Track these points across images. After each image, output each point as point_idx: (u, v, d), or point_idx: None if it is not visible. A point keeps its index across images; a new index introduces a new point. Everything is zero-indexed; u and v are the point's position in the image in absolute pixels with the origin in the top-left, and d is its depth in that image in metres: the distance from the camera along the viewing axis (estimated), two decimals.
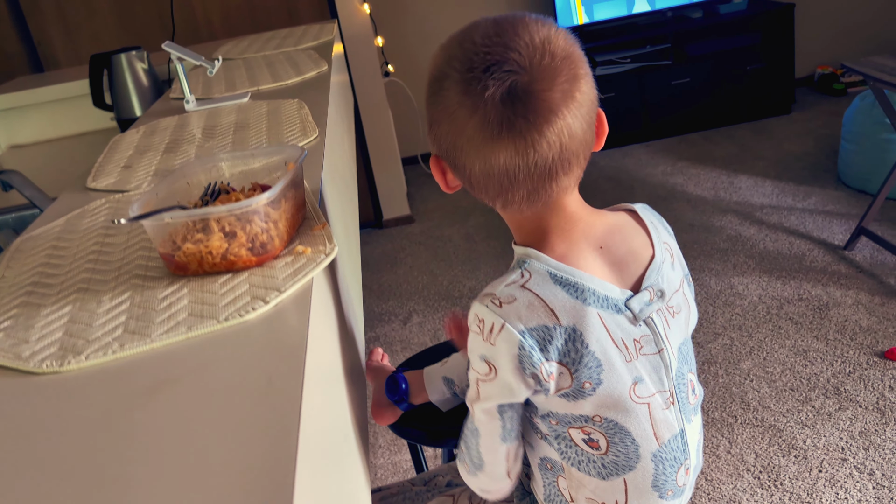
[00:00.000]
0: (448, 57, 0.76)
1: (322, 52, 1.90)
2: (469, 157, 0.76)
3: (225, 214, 0.73)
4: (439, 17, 4.10)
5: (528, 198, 0.78)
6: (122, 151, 1.28)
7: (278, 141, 1.14)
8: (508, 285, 0.78)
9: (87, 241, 0.90)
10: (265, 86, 1.61)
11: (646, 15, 4.05)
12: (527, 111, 0.72)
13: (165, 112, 1.55)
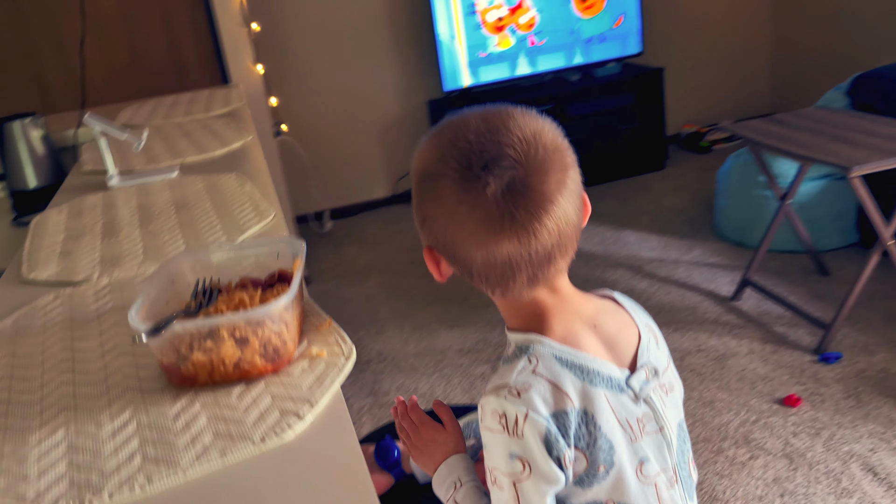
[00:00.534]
0: (442, 155, 0.77)
1: (237, 119, 1.84)
2: (471, 250, 0.76)
3: (240, 321, 0.68)
4: (332, 76, 4.10)
5: (528, 283, 0.79)
6: (51, 236, 1.18)
7: (231, 222, 1.09)
8: (520, 373, 0.78)
9: (51, 346, 0.82)
10: (190, 158, 1.54)
11: (528, 77, 4.20)
12: (527, 203, 0.74)
13: (84, 188, 1.45)
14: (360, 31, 4.12)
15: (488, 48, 4.08)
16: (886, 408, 2.25)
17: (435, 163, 0.77)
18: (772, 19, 4.75)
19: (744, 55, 4.77)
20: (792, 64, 4.69)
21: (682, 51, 4.61)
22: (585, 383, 0.78)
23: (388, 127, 4.30)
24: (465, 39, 4.03)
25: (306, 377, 0.70)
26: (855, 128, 2.61)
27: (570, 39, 4.18)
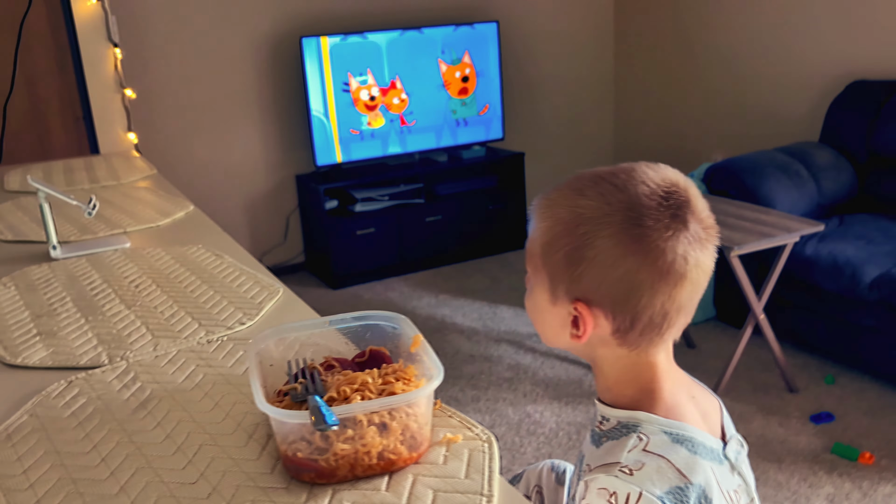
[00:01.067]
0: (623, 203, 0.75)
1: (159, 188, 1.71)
2: (654, 296, 0.74)
3: (386, 407, 0.61)
4: (203, 146, 3.93)
5: (671, 334, 0.79)
6: (12, 314, 1.01)
7: (237, 297, 0.99)
8: (631, 451, 0.76)
9: (104, 440, 0.69)
10: (131, 228, 1.40)
11: (396, 156, 4.26)
12: (700, 254, 0.75)
13: (16, 259, 1.26)
14: (232, 102, 4.02)
15: (361, 126, 4.10)
16: (772, 472, 2.41)
17: (617, 210, 0.74)
18: (613, 113, 5.16)
19: (589, 144, 5.12)
20: (631, 153, 5.09)
21: (536, 137, 4.88)
22: (696, 457, 0.77)
23: (254, 200, 4.17)
24: (337, 116, 4.03)
25: (455, 464, 0.64)
26: (723, 212, 2.86)
27: (440, 122, 4.30)
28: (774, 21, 3.97)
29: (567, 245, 0.75)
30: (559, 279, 0.77)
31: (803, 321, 3.01)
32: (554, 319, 0.78)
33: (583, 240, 0.74)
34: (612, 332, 0.77)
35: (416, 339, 0.76)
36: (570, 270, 0.75)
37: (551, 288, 0.78)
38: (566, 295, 0.77)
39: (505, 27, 4.57)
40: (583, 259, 0.74)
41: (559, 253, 0.76)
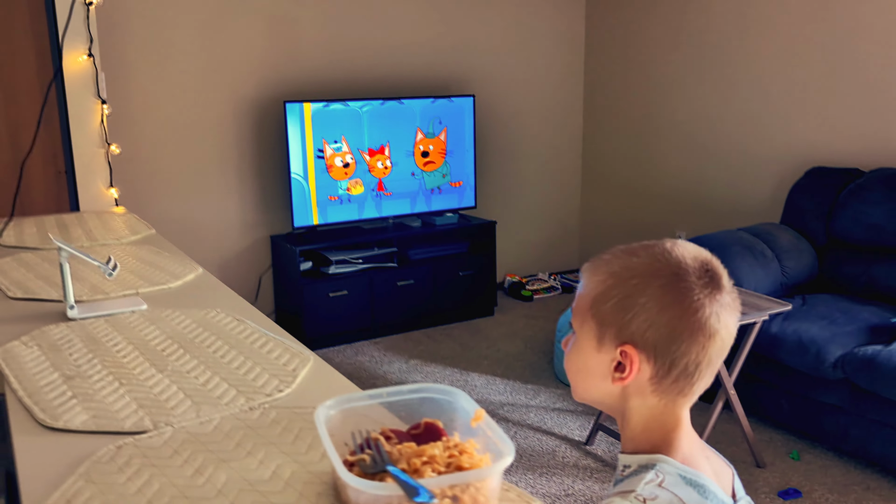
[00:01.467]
0: (671, 263, 0.84)
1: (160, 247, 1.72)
2: (691, 346, 0.83)
3: (461, 482, 0.64)
4: (180, 204, 3.94)
5: (696, 386, 0.86)
6: (41, 375, 1.01)
7: (269, 364, 1.01)
8: (647, 483, 0.82)
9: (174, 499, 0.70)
10: (143, 289, 1.41)
11: (371, 220, 4.31)
12: (731, 314, 0.85)
13: (32, 318, 1.26)
14: (213, 161, 4.05)
15: (339, 191, 4.16)
16: None
17: (665, 267, 0.84)
18: (581, 187, 5.31)
19: (557, 217, 5.26)
20: (598, 227, 5.23)
21: (507, 206, 4.99)
22: (706, 501, 0.83)
23: (228, 259, 4.17)
24: (316, 180, 4.08)
25: None
26: None
27: (415, 189, 4.38)
28: (738, 108, 4.18)
29: (619, 294, 0.84)
30: (608, 325, 0.85)
31: (769, 397, 3.10)
32: (598, 367, 0.86)
33: (635, 289, 0.83)
34: (650, 376, 0.85)
35: (478, 413, 0.80)
36: (620, 316, 0.84)
37: (599, 335, 0.86)
38: (614, 339, 0.85)
39: (480, 101, 4.72)
40: (634, 305, 0.83)
41: (611, 301, 0.85)
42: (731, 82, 4.20)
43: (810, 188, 3.63)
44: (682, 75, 4.48)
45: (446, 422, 0.80)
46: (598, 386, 0.88)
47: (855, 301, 3.23)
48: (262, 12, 4.02)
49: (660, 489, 0.81)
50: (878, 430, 2.72)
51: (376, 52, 4.37)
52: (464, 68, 4.67)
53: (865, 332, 2.90)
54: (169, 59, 3.82)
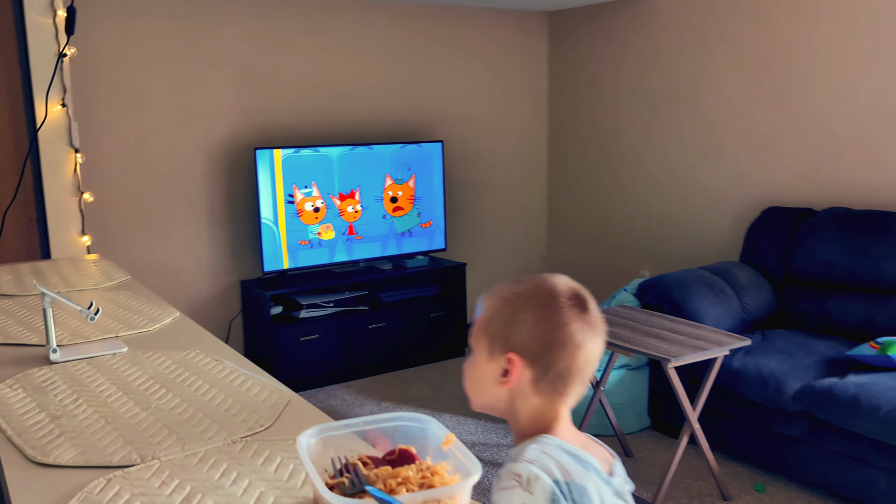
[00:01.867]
0: (546, 289, 1.04)
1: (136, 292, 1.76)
2: (562, 355, 1.01)
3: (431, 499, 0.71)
4: (152, 250, 3.97)
5: (569, 389, 1.03)
6: (27, 416, 1.05)
7: (254, 402, 1.07)
8: (532, 451, 0.97)
9: None
10: (123, 332, 1.46)
11: (342, 264, 4.37)
12: (594, 334, 1.03)
13: (14, 362, 1.30)
14: (184, 207, 4.10)
15: (309, 236, 4.22)
16: None
17: (543, 293, 1.03)
18: (547, 229, 5.43)
19: (525, 258, 5.36)
20: (565, 269, 5.34)
21: (476, 250, 5.08)
22: (583, 469, 0.98)
23: (198, 304, 4.19)
24: (287, 225, 4.14)
25: None
26: (659, 325, 3.05)
27: (385, 232, 4.46)
28: (696, 152, 4.34)
29: (506, 312, 1.03)
30: (497, 339, 1.02)
31: (732, 431, 3.18)
32: (489, 375, 1.03)
33: (518, 308, 1.02)
34: (530, 379, 1.01)
35: (448, 437, 0.86)
36: (505, 330, 1.02)
37: (490, 349, 1.03)
38: (501, 350, 1.02)
39: (449, 146, 4.84)
40: (516, 321, 1.01)
41: (499, 319, 1.03)
42: (690, 128, 4.36)
43: (766, 227, 3.77)
44: (642, 122, 4.64)
45: (419, 447, 0.87)
46: (490, 391, 1.04)
47: (812, 335, 3.35)
48: (233, 62, 4.12)
49: (543, 454, 0.96)
50: (837, 461, 2.81)
51: (346, 99, 4.48)
52: (432, 115, 4.79)
53: (822, 366, 3.01)
54: (141, 108, 3.89)
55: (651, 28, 4.49)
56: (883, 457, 2.64)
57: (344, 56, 4.45)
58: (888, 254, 3.24)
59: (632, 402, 3.57)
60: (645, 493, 3.02)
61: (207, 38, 4.03)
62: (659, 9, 4.43)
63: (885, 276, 3.24)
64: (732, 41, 4.06)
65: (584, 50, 4.95)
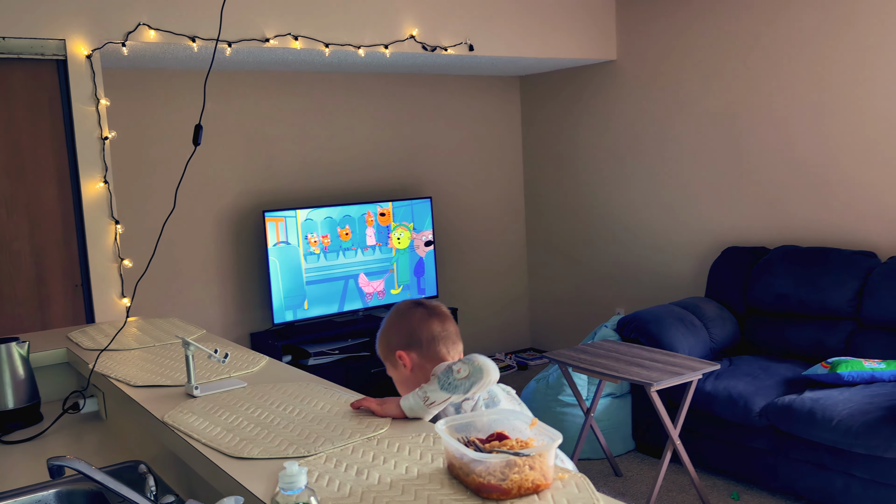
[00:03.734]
0: (416, 309, 1.70)
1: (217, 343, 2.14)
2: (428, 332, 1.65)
3: (536, 454, 1.10)
4: (171, 309, 4.30)
5: (441, 352, 1.66)
6: (208, 430, 1.41)
7: (363, 415, 1.46)
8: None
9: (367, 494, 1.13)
10: (235, 373, 1.84)
11: (341, 314, 4.75)
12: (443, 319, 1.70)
13: (163, 399, 1.67)
14: (199, 267, 4.45)
15: (307, 291, 4.59)
16: None
17: (405, 308, 1.72)
18: (528, 273, 5.87)
19: (509, 301, 5.79)
20: (545, 308, 5.77)
21: (465, 295, 5.50)
22: None
23: None
24: (289, 279, 4.51)
25: (572, 488, 1.12)
26: (639, 356, 3.49)
27: (383, 282, 4.86)
28: (662, 200, 4.85)
29: (388, 331, 1.70)
30: (393, 348, 1.67)
31: (708, 447, 3.61)
32: (401, 372, 1.67)
33: (390, 325, 1.70)
34: (417, 358, 1.66)
35: (533, 420, 1.26)
36: (389, 341, 1.69)
37: (392, 358, 1.67)
38: (396, 352, 1.66)
39: (437, 202, 5.29)
40: (392, 332, 1.70)
41: (387, 337, 1.70)
42: (654, 178, 4.87)
43: (727, 265, 4.26)
44: (610, 173, 5.14)
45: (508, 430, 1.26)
46: (408, 380, 1.65)
47: (772, 359, 3.81)
48: (239, 133, 4.54)
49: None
50: (800, 467, 3.24)
51: (342, 162, 4.92)
52: (421, 173, 5.24)
53: (782, 385, 3.46)
54: (164, 179, 4.28)
55: (613, 90, 5.03)
56: (838, 460, 3.08)
57: (340, 125, 4.90)
58: (832, 284, 3.73)
59: (617, 427, 3.98)
60: None
61: (215, 111, 4.45)
62: (620, 73, 4.97)
63: (831, 304, 3.73)
64: (688, 101, 4.60)
65: (553, 109, 5.47)
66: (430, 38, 4.13)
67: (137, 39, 3.39)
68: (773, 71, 4.16)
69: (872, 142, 3.80)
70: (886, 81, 3.71)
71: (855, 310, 3.67)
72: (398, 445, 1.33)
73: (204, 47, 3.55)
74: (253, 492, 1.17)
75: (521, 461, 1.12)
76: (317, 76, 4.77)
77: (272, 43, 3.70)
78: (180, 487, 1.63)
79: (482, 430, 1.28)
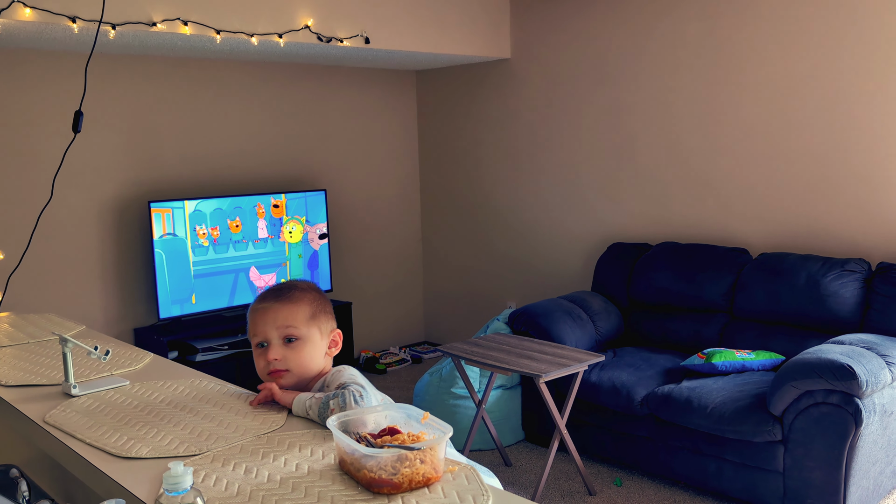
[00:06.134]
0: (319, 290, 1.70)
1: (96, 339, 2.05)
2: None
3: (427, 447, 1.12)
4: (46, 298, 4.08)
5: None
6: (92, 429, 1.35)
7: (257, 412, 1.44)
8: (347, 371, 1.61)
9: (234, 486, 1.11)
10: (116, 371, 1.77)
11: (230, 308, 4.65)
12: None
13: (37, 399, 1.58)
14: (77, 260, 4.25)
15: (198, 282, 4.46)
16: None
17: (319, 291, 1.70)
18: (423, 267, 5.91)
19: (404, 294, 5.81)
20: (440, 302, 5.83)
21: (360, 290, 5.48)
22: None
23: None
24: (174, 271, 4.38)
25: (461, 480, 1.14)
26: (529, 348, 3.58)
27: (275, 273, 4.78)
28: (551, 195, 4.98)
29: (320, 308, 1.64)
30: (323, 324, 1.62)
31: (594, 436, 3.74)
32: (321, 349, 1.61)
33: (322, 303, 1.65)
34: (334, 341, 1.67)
35: (425, 414, 1.28)
36: (326, 318, 1.65)
37: (321, 332, 1.61)
38: (328, 330, 1.64)
39: (332, 194, 5.24)
40: (326, 311, 1.66)
41: (320, 312, 1.63)
42: (545, 175, 5.00)
43: (612, 260, 4.42)
44: (503, 169, 5.24)
45: (402, 426, 1.27)
46: (319, 361, 1.60)
47: (653, 351, 3.99)
48: (122, 118, 4.36)
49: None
50: (678, 453, 3.41)
51: (233, 153, 4.80)
52: (316, 165, 5.18)
53: (663, 375, 3.63)
54: (34, 164, 4.05)
55: (507, 87, 5.12)
56: (712, 446, 3.26)
57: (229, 115, 4.78)
58: (708, 279, 3.94)
59: (507, 418, 4.07)
60: (524, 495, 3.51)
61: (97, 97, 4.26)
62: (513, 71, 5.07)
63: (707, 298, 3.94)
64: (579, 100, 4.74)
65: (449, 105, 5.52)
66: (325, 28, 4.09)
67: (11, 17, 3.20)
68: (660, 72, 4.34)
69: (750, 143, 4.02)
70: (763, 86, 3.94)
71: (728, 303, 3.89)
72: (289, 443, 1.32)
73: (85, 29, 3.38)
74: (136, 494, 1.14)
75: (411, 455, 1.13)
76: (207, 63, 4.63)
77: (160, 27, 3.57)
78: (57, 492, 1.56)
79: (374, 425, 1.29)
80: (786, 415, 3.03)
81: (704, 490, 3.42)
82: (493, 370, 3.39)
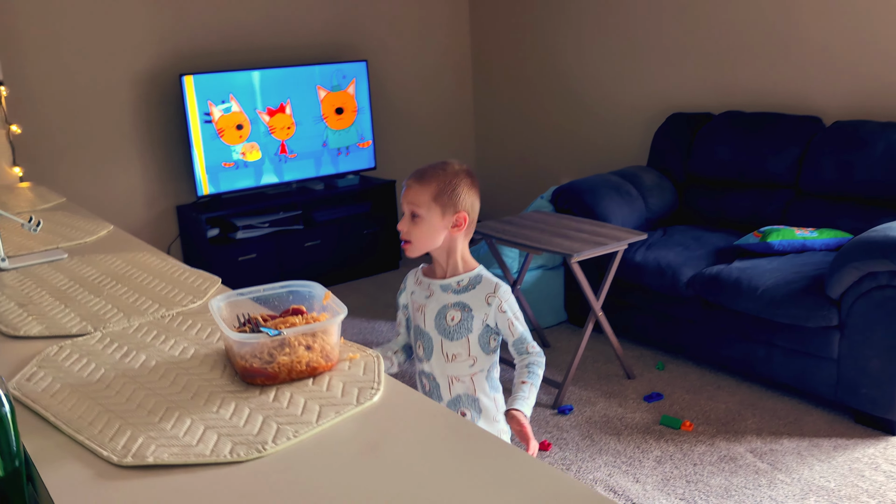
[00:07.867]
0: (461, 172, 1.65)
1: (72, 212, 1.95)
2: (475, 211, 1.66)
3: (308, 332, 0.94)
4: (83, 180, 4.07)
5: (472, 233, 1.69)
6: (8, 299, 1.25)
7: (189, 287, 1.29)
8: (489, 278, 1.67)
9: (106, 376, 0.98)
10: (63, 244, 1.65)
11: (273, 186, 4.54)
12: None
13: None
14: (112, 136, 4.19)
15: (233, 157, 4.35)
16: (612, 443, 2.86)
17: (460, 172, 1.65)
18: (474, 142, 5.65)
19: None
20: (491, 179, 5.59)
21: (405, 165, 5.29)
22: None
23: (136, 231, 4.33)
24: (205, 148, 4.26)
25: (357, 370, 0.97)
26: (566, 226, 3.34)
27: (318, 151, 4.63)
28: (610, 64, 4.57)
29: (449, 188, 1.61)
30: (448, 205, 1.61)
31: (637, 318, 3.52)
32: (442, 228, 1.62)
33: (455, 184, 1.62)
34: (466, 227, 1.64)
35: (326, 294, 1.10)
36: (453, 198, 1.62)
37: (442, 211, 1.61)
38: (453, 211, 1.62)
39: (374, 65, 4.97)
40: (457, 192, 1.62)
41: (446, 192, 1.61)
42: (604, 42, 4.58)
43: (670, 132, 4.05)
44: (562, 37, 4.84)
45: (307, 307, 1.11)
46: (438, 239, 1.62)
47: (706, 229, 3.68)
48: None
49: (492, 276, 1.63)
50: (724, 337, 3.17)
51: (269, 22, 4.56)
52: (356, 34, 4.90)
53: (713, 255, 3.34)
54: (62, 38, 3.94)
55: None
56: (761, 330, 3.00)
57: None
58: (773, 151, 3.55)
59: (548, 299, 3.89)
60: (558, 376, 3.36)
61: None
62: None
63: (771, 171, 3.57)
64: None
65: None
66: None
67: None
68: None
69: None
70: None
71: (794, 177, 3.51)
72: (190, 324, 1.17)
73: None
74: None
75: (294, 340, 0.96)
76: None
77: None
78: None
79: (280, 305, 1.13)
80: (844, 298, 2.73)
81: (751, 376, 3.18)
82: (522, 249, 3.18)
